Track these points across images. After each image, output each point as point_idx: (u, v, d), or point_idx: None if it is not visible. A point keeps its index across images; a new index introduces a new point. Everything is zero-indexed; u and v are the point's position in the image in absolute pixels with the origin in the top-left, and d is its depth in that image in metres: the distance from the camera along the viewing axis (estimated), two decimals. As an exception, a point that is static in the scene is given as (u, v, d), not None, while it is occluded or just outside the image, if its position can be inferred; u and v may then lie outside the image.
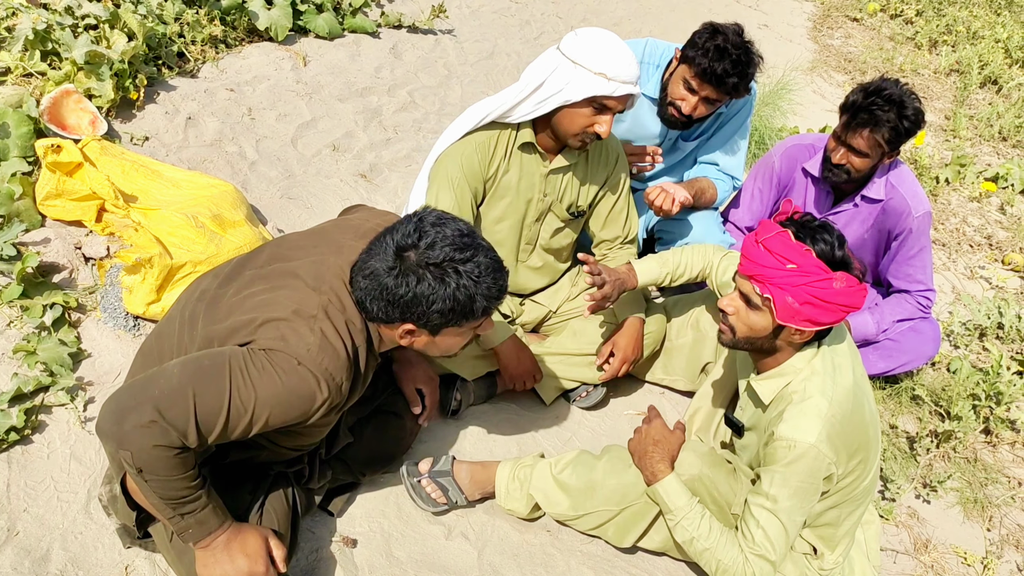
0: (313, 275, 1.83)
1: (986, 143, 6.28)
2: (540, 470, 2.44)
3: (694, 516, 2.20)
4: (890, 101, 2.85)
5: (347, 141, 3.99)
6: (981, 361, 3.92)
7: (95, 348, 2.53)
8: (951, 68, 7.48)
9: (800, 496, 2.10)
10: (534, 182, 2.69)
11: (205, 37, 4.01)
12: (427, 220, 1.77)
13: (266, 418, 1.71)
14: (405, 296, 1.73)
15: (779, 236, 2.05)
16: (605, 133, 2.47)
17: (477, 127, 2.59)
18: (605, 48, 2.38)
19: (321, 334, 1.72)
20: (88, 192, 2.76)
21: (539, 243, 2.87)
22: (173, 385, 1.64)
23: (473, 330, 1.91)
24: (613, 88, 2.37)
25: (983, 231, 5.08)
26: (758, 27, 7.56)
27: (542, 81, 2.44)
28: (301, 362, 1.69)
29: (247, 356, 1.69)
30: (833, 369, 2.15)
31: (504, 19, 5.98)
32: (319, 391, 1.71)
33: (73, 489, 2.15)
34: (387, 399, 2.48)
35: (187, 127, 3.53)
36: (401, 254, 1.74)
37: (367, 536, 2.33)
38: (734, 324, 2.19)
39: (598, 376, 2.88)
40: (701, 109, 2.95)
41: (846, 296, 2.00)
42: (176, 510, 1.72)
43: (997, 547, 3.05)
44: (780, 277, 2.02)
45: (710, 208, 3.32)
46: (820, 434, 2.05)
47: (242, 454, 2.03)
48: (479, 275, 1.75)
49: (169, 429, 1.61)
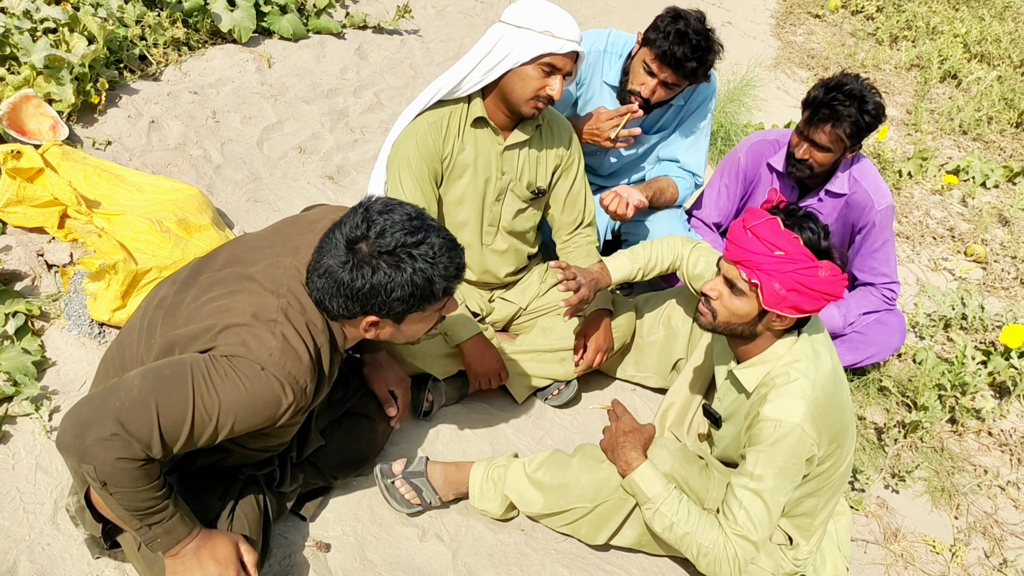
0: (270, 278, 1.80)
1: (947, 136, 6.38)
2: (514, 470, 2.45)
3: (672, 501, 2.21)
4: (851, 96, 2.89)
5: (314, 143, 3.97)
6: (946, 351, 3.98)
7: (60, 356, 2.49)
8: (911, 63, 7.58)
9: (784, 476, 2.12)
10: (490, 159, 2.71)
11: (167, 39, 3.96)
12: (374, 209, 1.75)
13: (231, 425, 1.69)
14: (363, 289, 1.71)
15: (768, 223, 2.09)
16: (557, 94, 2.51)
17: (427, 107, 2.62)
18: (547, 8, 2.46)
19: (282, 338, 1.71)
20: (50, 198, 2.72)
21: (502, 224, 2.87)
22: (134, 396, 1.61)
23: (437, 312, 1.89)
24: (560, 45, 2.43)
25: (945, 223, 5.16)
26: (722, 24, 7.61)
27: (488, 51, 2.50)
28: (264, 367, 1.67)
29: (209, 363, 1.67)
30: (814, 355, 2.19)
31: (469, 19, 5.98)
32: (284, 395, 1.70)
33: (39, 500, 2.12)
34: (358, 401, 2.46)
35: (150, 131, 3.49)
36: (352, 247, 1.72)
37: (340, 540, 2.32)
38: (716, 308, 2.21)
39: (570, 373, 2.88)
40: (660, 93, 2.96)
41: (829, 285, 2.04)
42: (143, 521, 1.70)
43: (965, 534, 3.10)
44: (768, 263, 2.05)
45: (672, 207, 3.34)
46: (805, 414, 2.08)
47: (210, 458, 2.01)
48: (434, 256, 1.74)
49: (132, 441, 1.59)
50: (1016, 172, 5.65)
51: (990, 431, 3.55)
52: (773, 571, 2.34)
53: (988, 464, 3.41)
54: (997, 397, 3.71)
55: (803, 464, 2.13)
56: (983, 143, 6.31)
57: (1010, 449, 3.49)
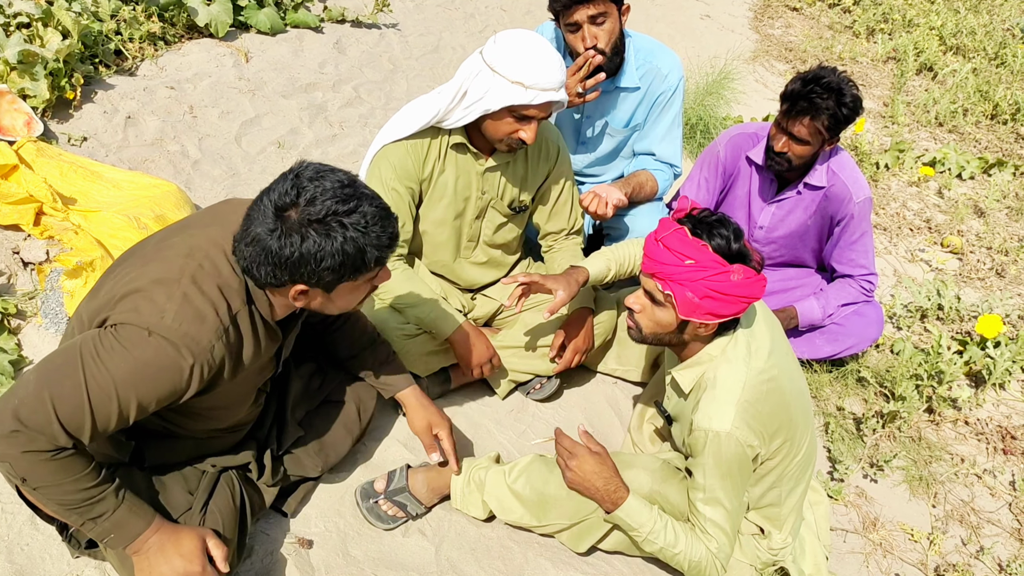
0: (188, 245, 1.75)
1: (923, 128, 6.43)
2: (494, 477, 2.43)
3: (658, 529, 2.20)
4: (828, 89, 2.91)
5: (292, 138, 3.94)
6: (923, 342, 4.02)
7: (37, 355, 2.47)
8: (888, 56, 7.64)
9: (731, 479, 2.14)
10: (471, 180, 2.68)
11: (143, 34, 3.92)
12: (304, 175, 1.67)
13: (136, 400, 1.63)
14: (291, 257, 1.65)
15: (676, 233, 2.08)
16: (530, 139, 2.44)
17: (407, 137, 2.57)
18: (523, 55, 2.33)
19: (182, 298, 1.65)
20: (25, 195, 2.69)
21: (482, 239, 2.86)
22: (30, 391, 1.58)
23: (369, 282, 1.84)
24: (531, 97, 2.34)
25: (922, 215, 5.21)
26: (700, 17, 7.65)
27: (466, 88, 2.41)
28: (152, 332, 1.61)
29: (97, 339, 1.62)
30: (748, 353, 2.18)
31: (448, 12, 5.96)
32: (181, 358, 1.63)
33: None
34: (335, 389, 2.45)
35: (127, 126, 3.46)
36: (281, 214, 1.64)
37: (323, 536, 2.31)
38: (640, 321, 2.22)
39: (551, 368, 2.89)
40: (592, 30, 2.92)
41: (744, 288, 2.03)
42: (83, 516, 1.68)
43: (942, 523, 3.14)
44: (679, 273, 2.05)
45: (653, 200, 3.35)
46: (735, 419, 2.08)
47: (160, 452, 1.99)
48: (366, 225, 1.67)
49: (35, 435, 1.56)
50: (991, 163, 5.71)
51: (967, 420, 3.59)
52: (751, 562, 2.36)
53: (965, 453, 3.45)
54: (973, 386, 3.76)
55: (748, 464, 2.15)
56: (959, 135, 6.37)
57: (986, 438, 3.53)
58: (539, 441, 2.79)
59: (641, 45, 3.19)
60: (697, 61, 6.26)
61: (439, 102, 2.48)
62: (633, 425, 2.84)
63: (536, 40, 2.38)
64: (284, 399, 2.30)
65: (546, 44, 2.38)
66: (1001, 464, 3.43)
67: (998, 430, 3.57)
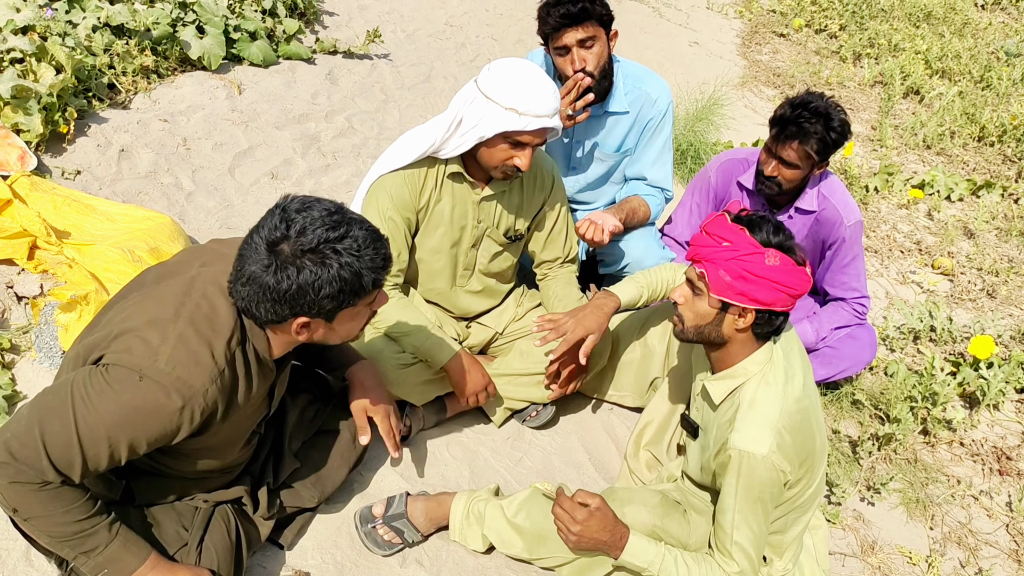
0: (185, 282, 1.76)
1: (911, 151, 6.49)
2: (493, 511, 2.41)
3: (668, 564, 2.18)
4: (816, 113, 2.94)
5: (285, 169, 3.96)
6: (916, 364, 4.03)
7: (31, 390, 2.46)
8: (875, 80, 7.72)
9: (761, 504, 2.14)
10: (467, 209, 2.69)
11: (136, 68, 3.95)
12: (291, 208, 1.68)
13: (127, 441, 1.63)
14: (289, 290, 1.65)
15: (718, 219, 2.16)
16: (525, 166, 2.46)
17: (404, 167, 2.58)
18: (517, 82, 2.36)
19: (177, 339, 1.65)
20: (19, 229, 2.70)
21: (477, 268, 2.87)
22: (22, 427, 1.59)
23: (368, 307, 1.85)
24: (525, 123, 2.36)
25: (912, 237, 5.24)
26: (688, 44, 7.72)
27: (461, 116, 2.43)
28: (144, 375, 1.61)
29: (87, 378, 1.62)
30: (785, 380, 2.19)
31: (439, 42, 6.01)
32: (171, 402, 1.63)
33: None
34: (330, 418, 2.44)
35: (120, 159, 3.47)
36: (273, 249, 1.65)
37: (320, 568, 2.29)
38: (683, 313, 2.24)
39: (547, 395, 2.88)
40: (581, 54, 2.95)
41: (780, 274, 2.05)
42: (75, 548, 1.67)
43: (940, 545, 3.13)
44: (714, 253, 2.11)
45: (646, 224, 3.36)
46: (772, 445, 2.08)
47: (151, 491, 1.98)
48: (359, 249, 1.68)
49: (23, 468, 1.57)
50: (979, 185, 5.75)
51: (962, 441, 3.60)
52: (752, 589, 2.35)
53: (961, 474, 3.45)
54: (967, 407, 3.77)
55: (780, 490, 2.15)
56: (946, 157, 6.42)
57: (982, 459, 3.53)
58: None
59: (630, 71, 3.23)
60: (686, 87, 6.32)
61: (435, 132, 2.50)
62: (629, 452, 2.84)
63: (530, 68, 2.41)
64: (281, 430, 2.30)
65: (540, 72, 2.41)
66: (997, 485, 3.43)
67: (993, 451, 3.57)
